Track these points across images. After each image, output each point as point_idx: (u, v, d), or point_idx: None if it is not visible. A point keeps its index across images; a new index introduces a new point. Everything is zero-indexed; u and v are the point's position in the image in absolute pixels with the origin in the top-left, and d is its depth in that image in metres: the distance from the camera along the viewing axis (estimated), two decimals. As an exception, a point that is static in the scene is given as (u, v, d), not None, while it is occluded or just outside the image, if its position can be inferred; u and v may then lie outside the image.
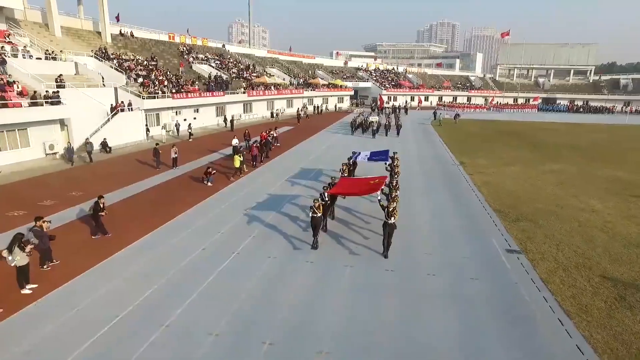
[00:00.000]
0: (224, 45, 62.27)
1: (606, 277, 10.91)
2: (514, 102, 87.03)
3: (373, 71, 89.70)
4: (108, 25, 40.69)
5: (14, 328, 8.17)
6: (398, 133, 38.26)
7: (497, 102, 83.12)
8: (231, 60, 56.85)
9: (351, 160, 19.36)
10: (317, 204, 11.75)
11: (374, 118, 38.44)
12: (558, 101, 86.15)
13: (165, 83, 37.49)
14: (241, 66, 56.49)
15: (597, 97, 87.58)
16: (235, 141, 24.11)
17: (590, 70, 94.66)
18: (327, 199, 13.00)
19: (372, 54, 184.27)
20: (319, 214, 11.75)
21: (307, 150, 29.16)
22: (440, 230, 14.08)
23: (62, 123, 25.66)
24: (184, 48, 51.51)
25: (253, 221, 14.54)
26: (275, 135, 29.50)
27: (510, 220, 15.16)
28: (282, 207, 16.11)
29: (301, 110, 55.88)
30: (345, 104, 73.47)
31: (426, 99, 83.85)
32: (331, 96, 68.71)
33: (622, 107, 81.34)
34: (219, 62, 53.03)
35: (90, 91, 28.66)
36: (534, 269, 11.25)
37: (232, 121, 39.27)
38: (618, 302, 9.64)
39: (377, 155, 19.23)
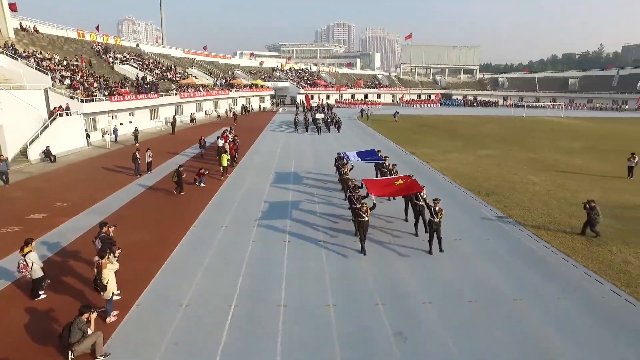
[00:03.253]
0: (138, 45, 58.72)
1: (572, 227, 14.33)
2: (417, 97, 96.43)
3: (288, 71, 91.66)
4: (9, 17, 36.04)
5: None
6: (339, 129, 40.77)
7: (410, 99, 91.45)
8: (151, 61, 54.02)
9: (345, 162, 18.63)
10: (364, 208, 11.55)
11: (319, 116, 40.33)
12: (454, 97, 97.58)
13: (95, 85, 34.86)
14: (162, 67, 54.05)
15: (483, 92, 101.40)
16: (220, 142, 24.03)
17: (476, 70, 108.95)
18: (356, 203, 12.38)
19: (276, 53, 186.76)
20: (367, 218, 11.54)
21: (266, 149, 29.92)
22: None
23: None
24: (99, 47, 47.67)
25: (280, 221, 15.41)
26: (236, 137, 29.63)
27: (483, 195, 18.35)
28: (299, 205, 17.03)
29: (229, 111, 55.64)
30: (267, 104, 74.30)
31: (327, 97, 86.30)
32: (253, 96, 69.02)
33: (502, 101, 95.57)
34: (140, 63, 50.12)
35: (17, 93, 25.64)
36: (524, 228, 14.25)
37: (173, 123, 37.88)
38: (589, 242, 12.97)
39: (368, 156, 19.14)
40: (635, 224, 14.86)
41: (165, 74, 51.17)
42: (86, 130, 30.03)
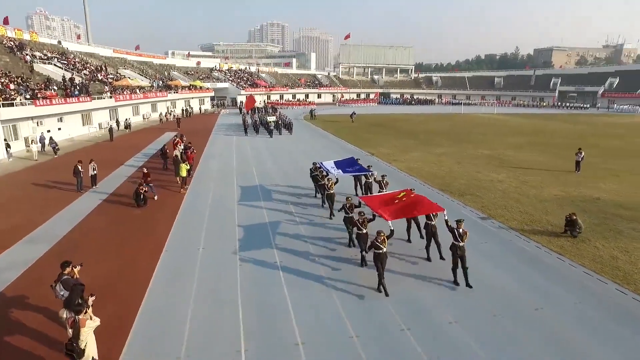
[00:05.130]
0: (60, 42, 52.80)
1: (552, 224, 14.61)
2: (357, 97, 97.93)
3: (227, 71, 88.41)
4: None
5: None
6: (291, 131, 39.59)
7: (351, 98, 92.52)
8: (77, 60, 48.77)
9: (325, 174, 16.53)
10: (382, 237, 9.63)
11: (271, 118, 38.79)
12: (392, 95, 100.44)
13: (12, 87, 30.43)
14: (91, 67, 49.06)
15: (419, 91, 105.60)
16: (180, 147, 21.64)
17: (411, 69, 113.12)
18: (363, 228, 10.98)
19: (211, 53, 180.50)
20: (384, 249, 9.65)
21: (221, 156, 27.87)
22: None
23: None
24: (12, 43, 41.97)
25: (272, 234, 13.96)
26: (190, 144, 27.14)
27: (457, 195, 18.33)
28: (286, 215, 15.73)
29: (169, 114, 52.08)
30: (207, 106, 70.95)
31: (268, 97, 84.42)
32: (193, 98, 65.49)
33: (438, 99, 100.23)
34: (65, 62, 44.96)
35: None
36: (509, 229, 14.24)
37: (110, 130, 34.21)
38: (574, 239, 13.22)
39: (350, 166, 17.11)
40: (603, 217, 15.52)
41: (95, 74, 46.43)
42: (5, 140, 25.97)
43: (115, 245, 12.53)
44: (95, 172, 18.88)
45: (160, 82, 59.64)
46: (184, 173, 18.61)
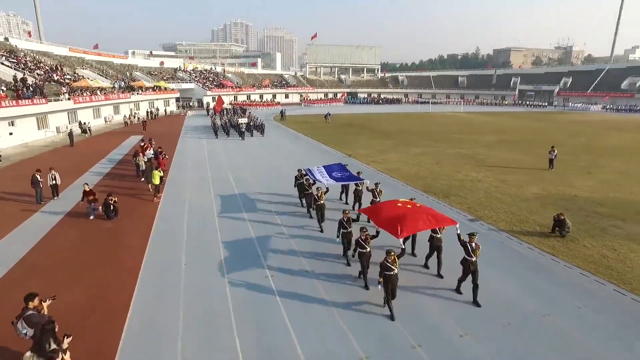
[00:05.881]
0: (7, 39, 49.09)
1: (539, 224, 14.63)
2: (324, 96, 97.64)
3: (192, 71, 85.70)
4: None
5: None
6: (262, 133, 38.56)
7: (319, 98, 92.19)
8: (29, 59, 45.48)
9: (312, 181, 15.52)
10: (392, 257, 8.70)
11: (242, 120, 37.56)
12: (359, 95, 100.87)
13: (-44, 90, 27.79)
14: (45, 67, 45.89)
15: (386, 90, 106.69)
16: (150, 152, 20.18)
17: (378, 69, 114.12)
18: (366, 245, 10.08)
19: (173, 53, 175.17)
20: (396, 270, 8.73)
21: (192, 161, 26.47)
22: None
23: None
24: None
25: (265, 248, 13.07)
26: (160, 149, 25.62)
27: (441, 197, 18.15)
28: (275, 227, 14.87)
29: (132, 117, 49.66)
30: (173, 107, 68.41)
31: (235, 98, 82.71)
32: (157, 99, 62.91)
33: (405, 99, 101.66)
34: (14, 61, 41.76)
35: None
36: (499, 230, 14.12)
37: (70, 134, 31.88)
38: (563, 239, 13.25)
39: (340, 172, 15.93)
40: (585, 215, 15.76)
41: (50, 75, 43.41)
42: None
43: (85, 266, 11.25)
44: (55, 181, 17.29)
45: (123, 82, 56.78)
46: (156, 180, 17.37)
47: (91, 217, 15.10)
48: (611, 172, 23.57)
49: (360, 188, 15.40)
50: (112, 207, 15.28)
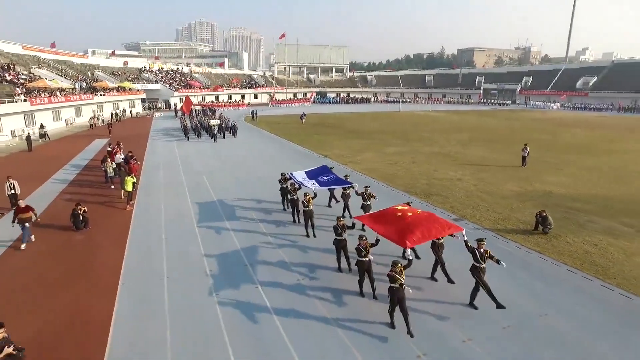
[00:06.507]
0: (-47, 38, 45.72)
1: (521, 222, 14.88)
2: (294, 96, 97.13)
3: (158, 72, 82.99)
4: None
5: None
6: (235, 134, 37.66)
7: (288, 98, 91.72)
8: (-22, 59, 42.49)
9: (297, 186, 14.63)
10: (399, 269, 8.18)
11: (214, 121, 36.46)
12: (329, 95, 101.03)
13: None
14: (-4, 67, 43.00)
15: (355, 90, 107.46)
16: (120, 156, 18.98)
17: (346, 68, 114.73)
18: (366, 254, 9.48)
19: (137, 53, 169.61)
20: (403, 282, 8.18)
21: (164, 164, 25.29)
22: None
23: None
24: None
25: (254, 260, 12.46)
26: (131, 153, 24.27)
27: (423, 196, 18.17)
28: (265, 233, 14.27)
29: (96, 119, 47.38)
30: (139, 109, 66.00)
31: (204, 99, 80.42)
32: (122, 101, 60.43)
33: (374, 98, 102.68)
34: (-38, 61, 38.87)
35: None
36: (484, 229, 14.21)
37: (28, 138, 29.84)
38: (546, 236, 13.48)
39: (324, 176, 15.25)
40: (562, 212, 16.14)
41: (2, 74, 40.64)
42: None
43: (56, 285, 10.29)
44: (14, 190, 15.99)
45: (84, 83, 54.11)
46: (129, 187, 16.41)
47: (22, 247, 12.46)
48: (578, 168, 24.47)
49: (347, 192, 14.75)
50: (81, 218, 14.28)
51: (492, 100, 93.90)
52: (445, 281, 10.43)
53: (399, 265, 8.24)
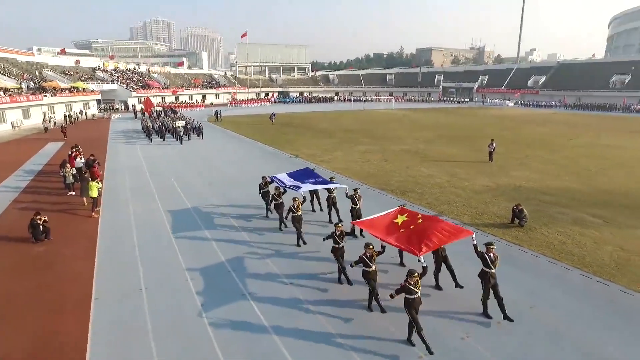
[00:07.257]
0: None
1: (497, 215, 15.26)
2: (256, 96, 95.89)
3: (113, 71, 79.17)
4: None
5: None
6: (200, 135, 36.46)
7: (250, 98, 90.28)
8: None
9: (282, 190, 13.87)
10: (415, 279, 7.63)
11: (180, 122, 35.06)
12: (291, 94, 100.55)
13: None
14: None
15: (317, 89, 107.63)
16: (79, 160, 17.57)
17: (308, 67, 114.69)
18: (372, 263, 8.93)
19: (87, 51, 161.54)
20: (419, 293, 7.70)
21: (128, 168, 23.92)
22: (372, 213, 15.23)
23: None
24: None
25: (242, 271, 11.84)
26: (93, 157, 22.65)
27: (399, 194, 18.26)
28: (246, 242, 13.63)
29: (48, 121, 44.46)
30: (94, 110, 62.67)
31: (163, 99, 78.67)
32: (75, 102, 57.08)
33: (336, 97, 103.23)
34: None
35: None
36: (462, 224, 14.39)
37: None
38: (522, 228, 13.90)
39: (308, 178, 14.61)
40: (534, 204, 16.66)
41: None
42: None
43: (20, 305, 9.32)
44: (-35, 202, 14.56)
45: (32, 83, 50.60)
46: (94, 193, 15.33)
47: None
48: (541, 162, 25.58)
49: (333, 195, 14.07)
50: (40, 228, 13.14)
51: (451, 98, 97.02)
52: (444, 283, 10.21)
53: (416, 274, 7.65)
